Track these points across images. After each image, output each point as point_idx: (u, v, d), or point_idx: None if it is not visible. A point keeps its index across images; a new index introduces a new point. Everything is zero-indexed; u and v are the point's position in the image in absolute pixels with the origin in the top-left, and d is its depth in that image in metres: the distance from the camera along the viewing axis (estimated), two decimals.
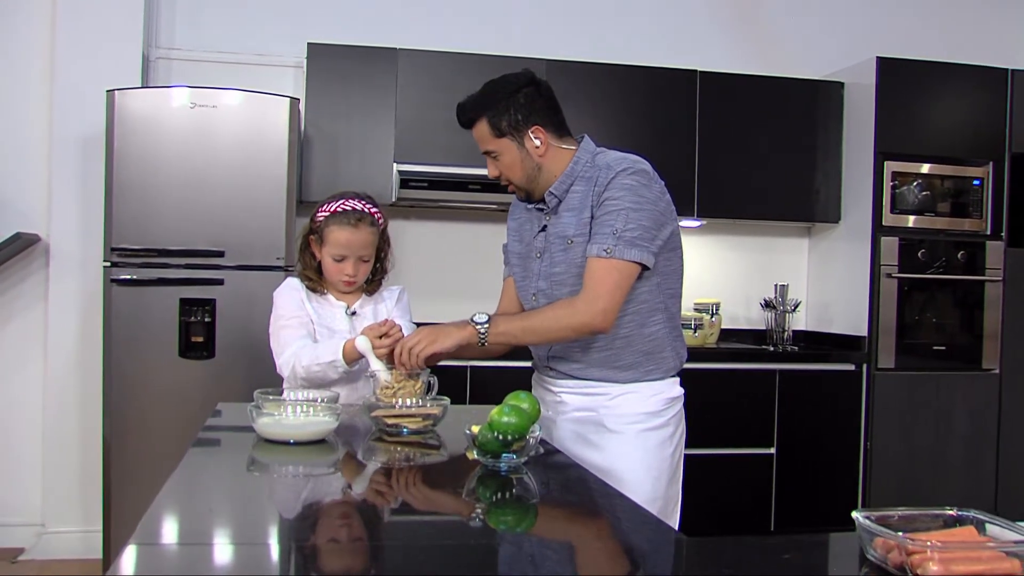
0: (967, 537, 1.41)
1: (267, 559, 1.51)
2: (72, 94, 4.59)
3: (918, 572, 1.32)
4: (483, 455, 2.04)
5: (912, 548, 1.33)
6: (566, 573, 1.50)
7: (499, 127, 2.57)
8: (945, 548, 1.33)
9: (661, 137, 5.02)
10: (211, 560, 1.49)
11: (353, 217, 2.91)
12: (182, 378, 4.16)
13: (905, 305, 4.96)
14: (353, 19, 5.07)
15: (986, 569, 1.32)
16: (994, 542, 1.38)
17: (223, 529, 1.69)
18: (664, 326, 2.64)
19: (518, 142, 2.58)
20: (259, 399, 2.40)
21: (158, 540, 1.57)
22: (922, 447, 4.92)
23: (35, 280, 4.73)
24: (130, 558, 1.40)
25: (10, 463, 4.74)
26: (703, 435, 4.64)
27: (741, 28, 5.49)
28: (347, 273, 2.92)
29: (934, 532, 1.43)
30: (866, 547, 1.42)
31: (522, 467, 2.05)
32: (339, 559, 1.51)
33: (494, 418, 2.02)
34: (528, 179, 2.62)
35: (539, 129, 2.58)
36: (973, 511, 1.47)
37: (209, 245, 4.20)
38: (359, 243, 2.92)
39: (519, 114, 2.57)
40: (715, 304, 5.20)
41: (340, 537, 1.65)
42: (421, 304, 5.09)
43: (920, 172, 5.00)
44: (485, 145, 2.62)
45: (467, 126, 2.64)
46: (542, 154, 2.59)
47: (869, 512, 1.43)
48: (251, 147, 4.23)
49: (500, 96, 2.58)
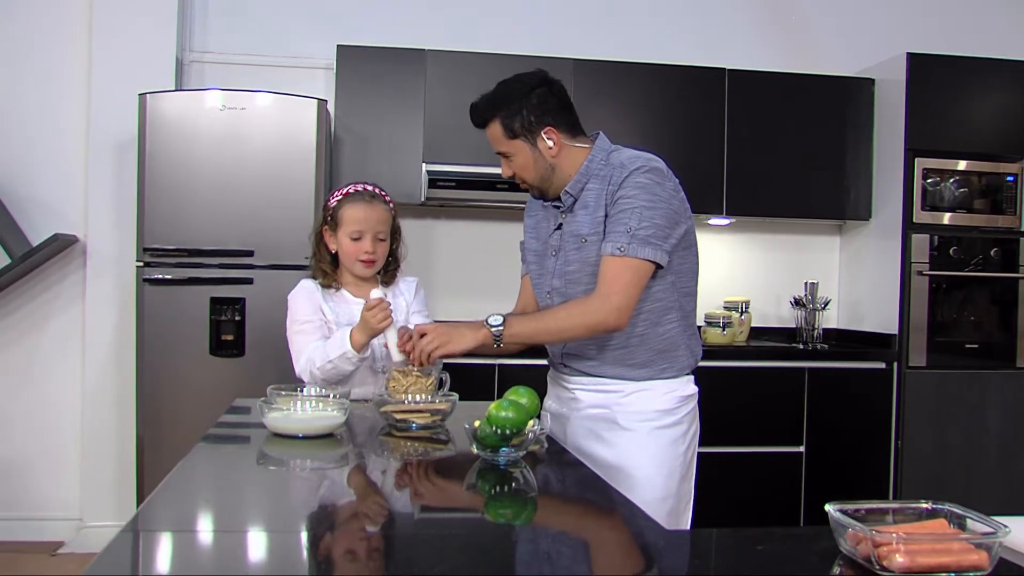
0: (936, 529, 1.42)
1: (262, 547, 1.55)
2: (108, 98, 4.70)
3: (884, 564, 1.33)
4: (482, 449, 2.08)
5: (879, 540, 1.34)
6: (544, 563, 1.53)
7: (512, 128, 2.59)
8: (910, 540, 1.34)
9: (689, 136, 5.03)
10: (201, 548, 1.54)
11: (367, 195, 2.97)
12: (213, 376, 4.24)
13: (937, 302, 4.92)
14: (382, 21, 5.14)
15: (952, 561, 1.33)
16: (962, 534, 1.39)
17: (219, 518, 1.74)
18: (678, 325, 2.64)
19: (531, 143, 2.59)
20: (271, 395, 2.45)
21: (155, 527, 1.62)
22: (954, 446, 4.88)
23: (73, 280, 4.85)
24: (123, 544, 1.45)
25: (50, 460, 4.86)
26: (732, 433, 4.70)
27: (770, 26, 5.48)
28: (366, 250, 2.93)
29: (904, 525, 1.44)
30: (839, 540, 1.43)
31: (520, 461, 2.09)
32: (338, 547, 1.55)
33: (492, 413, 2.06)
34: (541, 179, 2.63)
35: (552, 130, 2.59)
36: (948, 504, 1.48)
37: (239, 245, 4.28)
38: (375, 219, 2.95)
39: (532, 115, 2.58)
40: (744, 302, 5.19)
41: (342, 527, 1.70)
42: (450, 302, 5.18)
43: (956, 169, 4.96)
44: (498, 146, 2.64)
45: (480, 126, 2.66)
46: (555, 155, 2.60)
47: (844, 505, 1.45)
48: (280, 148, 4.31)
49: (512, 97, 2.59)
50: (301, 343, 2.90)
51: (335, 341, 2.80)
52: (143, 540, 1.54)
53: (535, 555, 1.57)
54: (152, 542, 1.55)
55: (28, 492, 4.83)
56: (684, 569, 1.53)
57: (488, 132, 2.65)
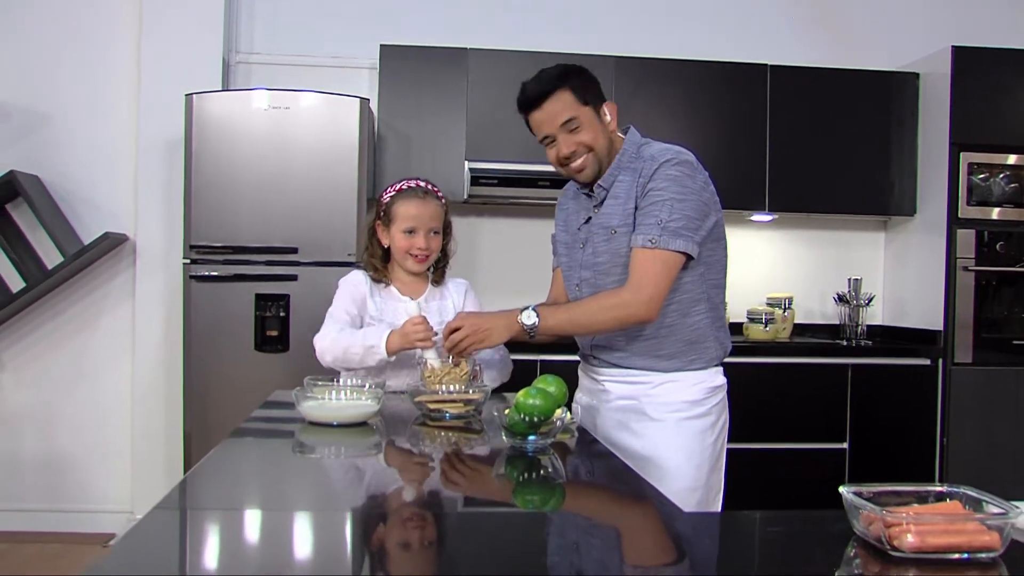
0: (949, 511, 1.43)
1: (290, 526, 1.59)
2: (157, 99, 4.80)
3: (895, 544, 1.34)
4: (511, 436, 2.11)
5: (890, 520, 1.35)
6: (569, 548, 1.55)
7: (583, 95, 2.58)
8: (921, 520, 1.35)
9: (732, 132, 5.02)
10: (224, 525, 1.59)
11: (420, 191, 2.97)
12: (258, 371, 4.31)
13: (984, 298, 4.86)
14: (424, 21, 5.20)
15: (964, 541, 1.33)
16: (974, 514, 1.40)
17: (252, 498, 1.79)
18: (707, 316, 2.65)
19: (598, 114, 2.61)
20: (308, 385, 2.49)
21: (185, 505, 1.68)
22: (1001, 443, 4.82)
23: (123, 279, 4.96)
24: (153, 522, 1.50)
25: (102, 454, 4.97)
26: (775, 429, 4.70)
27: (812, 21, 5.45)
28: (419, 246, 2.94)
29: (917, 507, 1.45)
30: (853, 522, 1.44)
31: (549, 449, 2.11)
32: (364, 529, 1.60)
33: (520, 400, 2.09)
34: (605, 150, 2.63)
35: (612, 105, 2.64)
36: (964, 487, 1.48)
37: (284, 242, 4.35)
38: (429, 214, 2.96)
39: (597, 87, 2.63)
40: (788, 298, 5.17)
41: (366, 510, 1.74)
42: (492, 299, 5.15)
43: (1006, 164, 4.90)
44: (566, 114, 2.57)
45: (542, 99, 2.57)
46: (612, 131, 2.65)
47: (859, 487, 1.46)
48: (324, 147, 4.37)
49: (576, 71, 2.61)
50: (330, 319, 2.94)
51: (372, 333, 2.81)
52: (179, 517, 1.59)
53: (562, 544, 1.59)
54: (189, 519, 1.61)
55: (81, 486, 4.95)
56: (710, 551, 1.55)
57: (549, 105, 2.57)
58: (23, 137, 4.91)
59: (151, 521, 1.50)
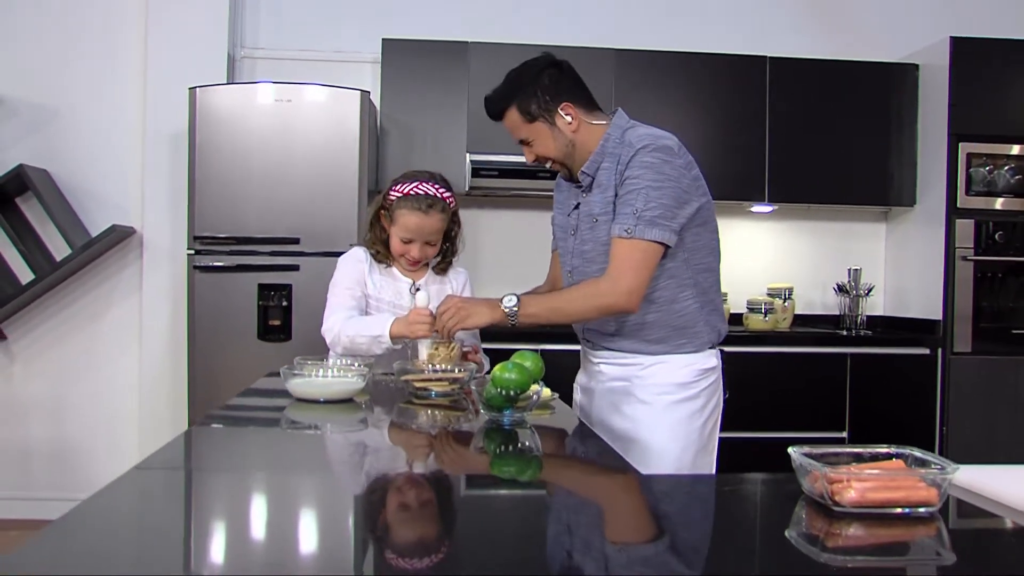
0: (891, 468, 1.47)
1: (261, 487, 1.65)
2: (163, 93, 4.88)
3: (836, 499, 1.39)
4: (489, 410, 2.17)
5: (832, 477, 1.40)
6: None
7: (529, 112, 2.63)
8: (861, 476, 1.39)
9: (731, 124, 5.06)
10: (194, 484, 1.65)
11: (424, 202, 2.94)
12: (260, 360, 4.34)
13: (983, 288, 4.88)
14: (426, 15, 5.26)
15: (902, 496, 1.38)
16: (913, 471, 1.44)
17: (233, 459, 1.85)
18: (695, 301, 2.64)
19: (550, 123, 2.63)
20: (298, 364, 2.55)
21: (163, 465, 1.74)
22: (999, 432, 4.84)
23: (131, 271, 5.04)
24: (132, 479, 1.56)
25: (109, 443, 5.05)
26: (774, 419, 4.72)
27: (811, 13, 5.48)
28: (412, 256, 2.99)
29: (861, 464, 1.49)
30: (802, 481, 1.49)
31: (525, 421, 2.16)
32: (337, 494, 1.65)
33: (496, 374, 2.14)
34: (565, 156, 2.67)
35: (568, 105, 2.62)
36: (910, 448, 1.53)
37: (286, 233, 4.42)
38: (428, 229, 2.97)
39: (547, 95, 2.62)
40: (787, 289, 5.20)
41: (346, 480, 1.79)
42: (493, 290, 5.16)
43: (1009, 154, 4.92)
44: (518, 133, 2.68)
45: (497, 118, 2.69)
46: (575, 130, 2.63)
47: (808, 449, 1.51)
48: (326, 139, 4.43)
49: (525, 81, 2.64)
50: (335, 305, 2.98)
51: (377, 322, 2.84)
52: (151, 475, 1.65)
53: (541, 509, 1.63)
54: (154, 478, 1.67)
55: (88, 475, 5.01)
56: (666, 511, 1.59)
57: (506, 123, 2.68)
58: (32, 132, 4.99)
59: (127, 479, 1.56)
